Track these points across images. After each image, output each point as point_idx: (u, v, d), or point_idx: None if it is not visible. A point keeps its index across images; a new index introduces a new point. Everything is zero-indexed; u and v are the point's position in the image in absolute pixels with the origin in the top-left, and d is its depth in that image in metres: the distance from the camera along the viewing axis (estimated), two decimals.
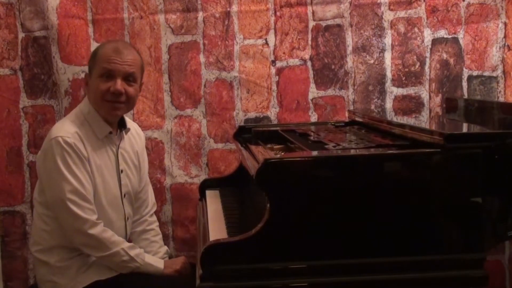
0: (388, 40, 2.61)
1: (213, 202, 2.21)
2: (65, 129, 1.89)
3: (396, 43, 2.61)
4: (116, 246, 1.87)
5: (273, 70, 2.62)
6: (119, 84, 1.89)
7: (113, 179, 1.99)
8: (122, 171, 2.02)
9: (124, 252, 1.88)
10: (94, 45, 2.55)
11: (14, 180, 2.60)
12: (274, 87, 2.62)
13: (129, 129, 2.07)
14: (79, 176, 1.85)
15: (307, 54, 2.61)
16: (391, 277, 1.55)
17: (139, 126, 2.26)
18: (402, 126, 1.88)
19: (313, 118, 2.62)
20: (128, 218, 2.05)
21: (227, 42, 2.60)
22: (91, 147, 1.91)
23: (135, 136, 2.13)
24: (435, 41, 2.60)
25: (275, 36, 2.61)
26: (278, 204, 1.52)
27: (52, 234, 1.92)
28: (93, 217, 1.86)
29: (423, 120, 2.53)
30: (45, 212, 1.93)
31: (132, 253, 1.90)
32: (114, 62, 1.89)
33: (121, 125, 2.04)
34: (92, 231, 1.84)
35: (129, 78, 1.92)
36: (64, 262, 1.92)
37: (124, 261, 1.88)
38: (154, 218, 2.23)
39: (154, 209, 2.24)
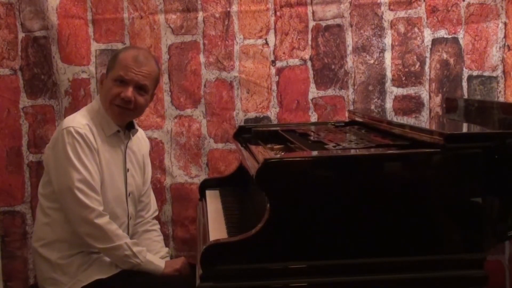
0: (388, 40, 2.61)
1: (213, 202, 2.21)
2: (77, 120, 1.93)
3: (396, 43, 2.61)
4: (120, 240, 1.88)
5: (273, 70, 2.62)
6: (130, 92, 1.93)
7: (120, 176, 2.02)
8: (128, 170, 2.05)
9: (127, 247, 1.89)
10: (94, 45, 2.56)
11: (14, 180, 2.60)
12: (274, 87, 2.62)
13: (136, 130, 2.10)
14: (88, 166, 1.88)
15: (307, 54, 2.61)
16: (391, 277, 1.55)
17: (139, 126, 2.26)
18: (402, 126, 1.88)
19: (313, 118, 2.62)
20: (131, 218, 2.07)
21: (227, 42, 2.60)
22: (100, 141, 1.95)
23: (141, 140, 2.17)
24: (435, 41, 2.60)
25: (275, 36, 2.61)
26: (278, 204, 1.52)
27: (54, 227, 1.94)
28: (100, 208, 1.88)
29: (423, 120, 2.53)
30: (48, 204, 1.95)
31: (135, 249, 1.91)
32: (130, 70, 1.94)
33: (130, 126, 2.07)
34: (98, 221, 1.86)
35: (140, 88, 1.96)
36: (65, 260, 1.93)
37: (126, 255, 1.89)
38: (156, 221, 2.25)
39: (156, 214, 2.26)
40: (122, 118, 2.00)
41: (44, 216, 1.97)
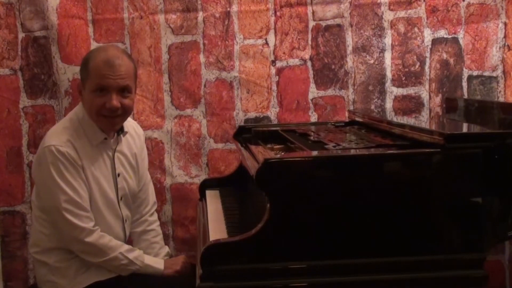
0: (388, 40, 2.61)
1: (213, 202, 2.21)
2: (58, 137, 1.86)
3: (396, 43, 2.61)
4: (114, 251, 1.87)
5: (273, 70, 2.62)
6: (114, 99, 1.84)
7: (109, 184, 1.97)
8: (119, 174, 2.00)
9: (123, 256, 1.88)
10: (94, 45, 2.55)
11: (14, 180, 2.60)
12: (274, 87, 2.62)
13: (126, 132, 2.04)
14: (74, 184, 1.84)
15: (307, 54, 2.61)
16: (391, 277, 1.55)
17: (139, 126, 2.24)
18: (402, 126, 1.88)
19: (313, 118, 2.62)
20: (126, 220, 2.04)
21: (227, 42, 2.60)
22: (85, 154, 1.89)
23: (133, 136, 2.10)
24: (435, 41, 2.60)
25: (275, 36, 2.61)
26: (278, 204, 1.52)
27: (51, 237, 1.92)
28: (90, 225, 1.86)
29: (423, 120, 2.53)
30: (42, 216, 1.93)
31: (131, 256, 1.90)
32: (107, 77, 1.83)
33: (119, 129, 2.00)
34: (89, 239, 1.84)
35: (123, 91, 1.87)
36: (63, 263, 1.92)
37: (123, 264, 1.89)
38: (155, 217, 2.22)
39: (155, 207, 2.23)
40: (112, 127, 1.94)
41: (40, 225, 1.94)
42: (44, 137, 1.91)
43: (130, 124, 2.11)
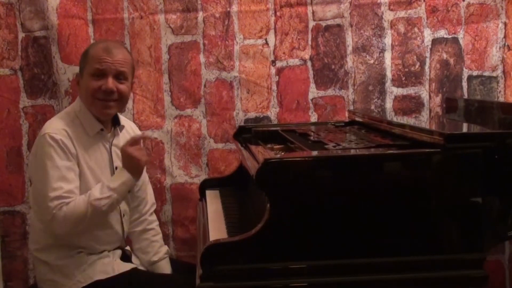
0: (388, 40, 2.61)
1: (213, 202, 2.21)
2: (53, 126, 1.88)
3: (396, 43, 2.61)
4: (86, 207, 1.80)
5: (273, 70, 2.62)
6: (110, 83, 1.90)
7: (107, 176, 1.96)
8: (116, 168, 2.00)
9: (97, 202, 1.81)
10: None
11: (14, 180, 2.60)
12: (274, 87, 2.62)
13: (123, 126, 2.06)
14: (63, 172, 1.82)
15: (307, 54, 2.61)
16: (391, 277, 1.55)
17: (139, 126, 2.25)
18: (402, 126, 1.88)
19: (313, 118, 2.62)
20: (124, 215, 2.03)
21: (227, 42, 2.60)
22: (81, 144, 1.90)
23: (130, 133, 2.11)
24: (435, 41, 2.61)
25: (275, 36, 2.61)
26: (278, 204, 1.52)
27: (51, 233, 1.91)
28: (54, 203, 1.78)
29: (423, 120, 2.53)
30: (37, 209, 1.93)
31: (101, 195, 1.83)
32: (105, 61, 1.90)
33: (115, 123, 2.03)
34: (58, 212, 1.78)
35: (119, 76, 1.93)
36: (63, 261, 1.91)
37: (104, 205, 1.82)
38: (154, 217, 2.22)
39: (154, 208, 2.23)
40: (107, 111, 1.94)
41: (38, 222, 1.94)
42: (41, 130, 1.92)
43: (128, 123, 2.14)
